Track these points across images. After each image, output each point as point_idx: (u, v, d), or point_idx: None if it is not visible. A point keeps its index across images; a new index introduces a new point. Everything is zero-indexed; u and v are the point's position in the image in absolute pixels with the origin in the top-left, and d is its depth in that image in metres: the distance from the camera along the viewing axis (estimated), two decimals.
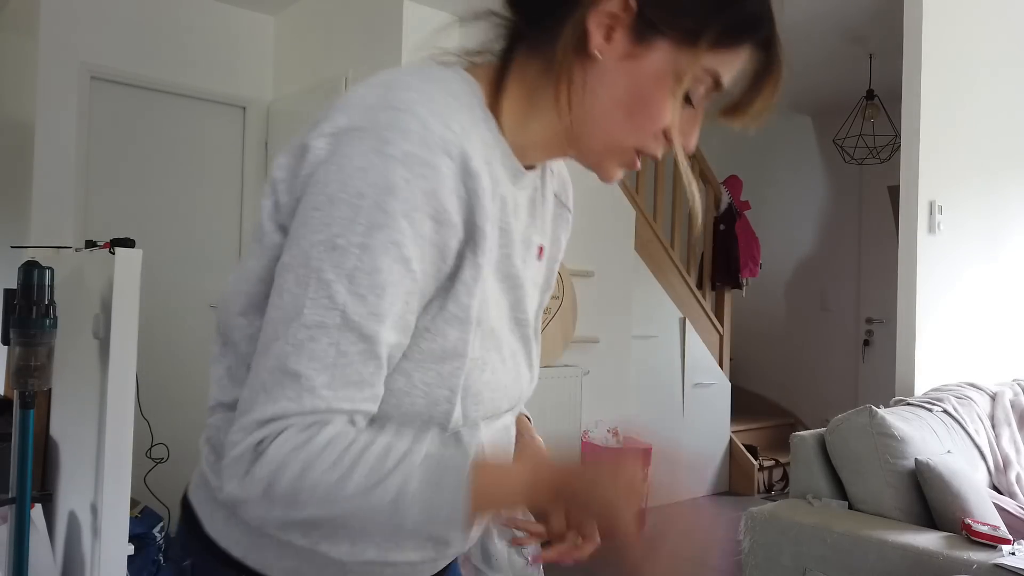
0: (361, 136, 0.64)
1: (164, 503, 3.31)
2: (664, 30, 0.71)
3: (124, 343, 2.16)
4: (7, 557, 2.12)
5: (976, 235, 3.35)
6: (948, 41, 3.17)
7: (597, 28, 0.71)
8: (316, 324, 0.63)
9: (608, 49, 0.72)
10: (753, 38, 0.73)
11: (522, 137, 0.77)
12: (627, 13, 0.70)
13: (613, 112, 0.74)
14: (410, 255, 0.65)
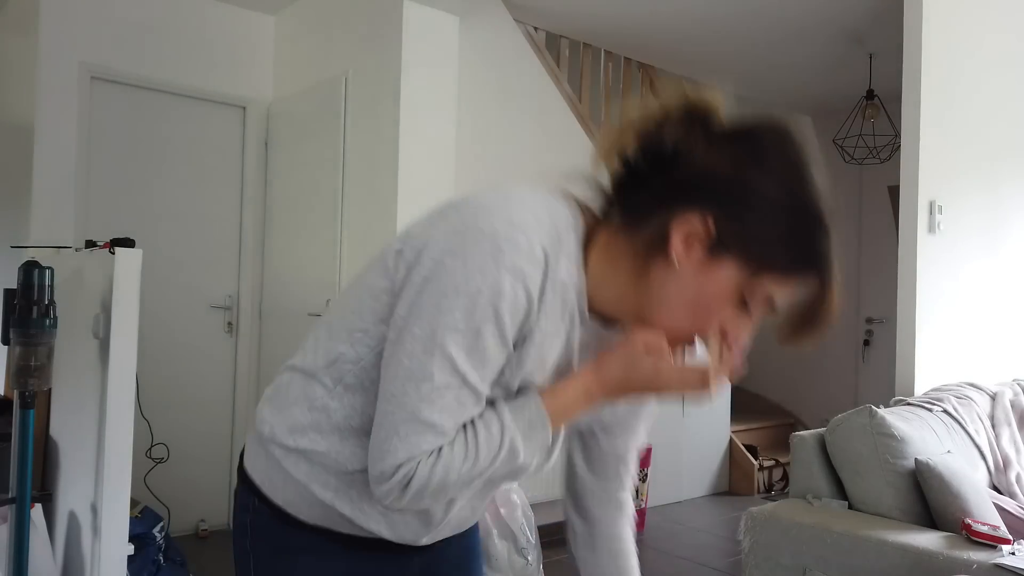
0: (482, 240, 0.83)
1: (164, 503, 3.31)
2: (734, 253, 0.84)
3: (124, 343, 2.16)
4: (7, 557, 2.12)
5: (976, 235, 3.35)
6: (948, 41, 3.17)
7: (678, 238, 0.84)
8: (444, 385, 0.83)
9: (684, 258, 0.84)
10: (813, 273, 0.85)
11: (596, 289, 0.91)
12: (705, 232, 0.83)
13: (677, 308, 0.88)
14: (508, 338, 0.85)
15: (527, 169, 3.98)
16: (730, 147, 0.85)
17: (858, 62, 4.63)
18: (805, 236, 0.84)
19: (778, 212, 0.83)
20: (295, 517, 0.99)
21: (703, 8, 4.01)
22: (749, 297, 0.86)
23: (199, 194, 3.91)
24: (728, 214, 0.83)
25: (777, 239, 0.83)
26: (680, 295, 0.86)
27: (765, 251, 0.84)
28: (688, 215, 0.83)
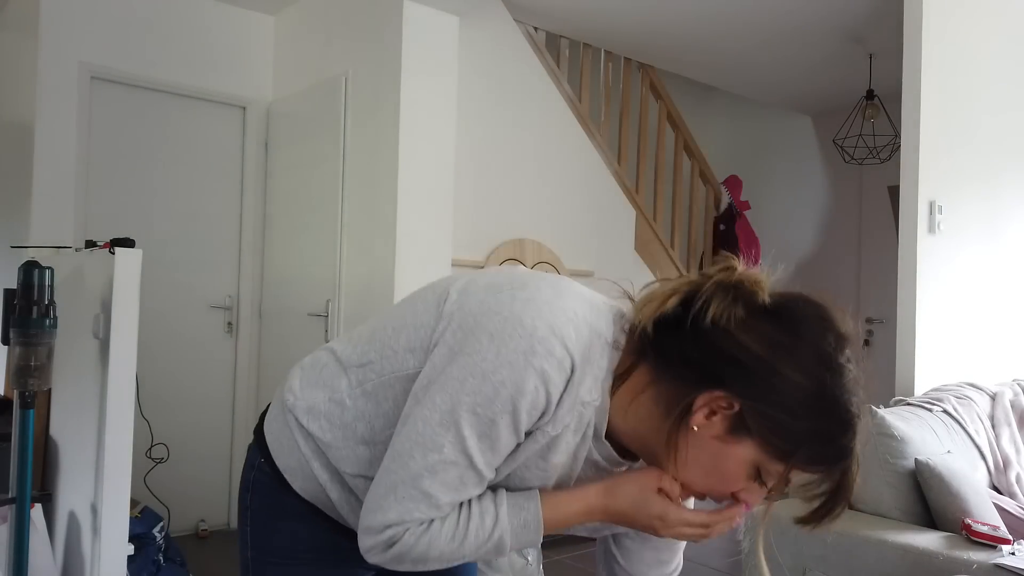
0: (522, 336, 0.86)
1: (164, 503, 3.31)
2: (756, 438, 0.86)
3: (124, 343, 2.16)
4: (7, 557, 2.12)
5: (976, 235, 3.35)
6: (948, 41, 3.17)
7: (702, 408, 0.86)
8: (451, 461, 0.87)
9: (705, 426, 0.87)
10: (834, 466, 0.87)
11: (617, 416, 0.93)
12: (730, 409, 0.86)
13: (693, 469, 0.90)
14: (521, 432, 0.88)
15: (526, 168, 3.99)
16: (766, 326, 0.87)
17: (858, 62, 4.63)
18: (830, 436, 0.85)
19: (806, 408, 0.84)
20: (290, 485, 1.04)
21: (703, 8, 4.01)
22: (766, 475, 0.88)
23: (199, 194, 3.91)
24: (755, 400, 0.85)
25: (802, 435, 0.85)
26: (696, 459, 0.89)
27: (788, 443, 0.85)
28: (715, 393, 0.86)
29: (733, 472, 0.89)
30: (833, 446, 0.86)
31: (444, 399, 0.87)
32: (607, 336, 0.91)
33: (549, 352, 0.85)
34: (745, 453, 0.87)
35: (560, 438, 0.91)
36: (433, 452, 0.86)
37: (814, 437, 0.85)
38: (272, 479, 1.06)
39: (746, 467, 0.88)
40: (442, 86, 3.46)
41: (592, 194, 4.28)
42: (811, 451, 0.86)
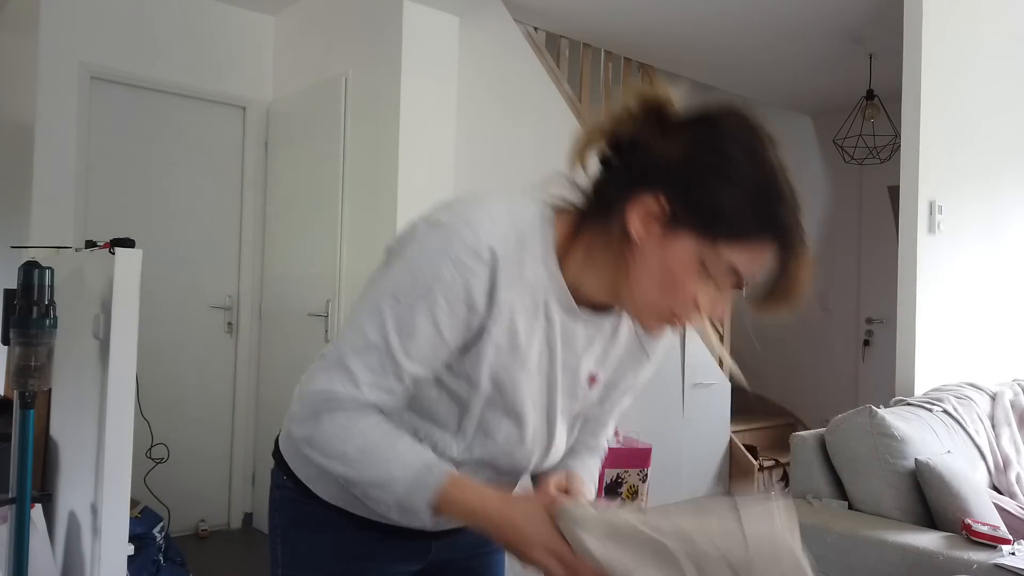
0: (439, 232, 0.91)
1: (164, 503, 3.31)
2: (688, 226, 0.87)
3: (124, 343, 2.16)
4: (7, 557, 2.12)
5: (976, 235, 3.35)
6: (948, 41, 3.17)
7: (635, 218, 0.89)
8: (373, 344, 0.91)
9: (646, 237, 0.89)
10: (768, 239, 0.88)
11: (580, 282, 0.96)
12: (659, 210, 0.88)
13: (647, 285, 0.91)
14: (441, 322, 0.90)
15: (527, 169, 3.98)
16: (684, 133, 0.89)
17: (858, 62, 4.63)
18: (754, 202, 0.87)
19: (724, 182, 0.87)
20: (315, 494, 1.07)
21: (703, 8, 4.01)
22: (712, 269, 0.88)
23: (199, 194, 3.90)
24: (678, 190, 0.88)
25: (726, 207, 0.87)
26: (648, 273, 0.90)
27: (715, 220, 0.87)
28: (642, 197, 0.88)
29: (681, 274, 0.89)
30: (759, 214, 0.87)
31: (379, 290, 0.93)
32: (533, 218, 0.95)
33: (462, 241, 0.89)
34: (686, 249, 0.88)
35: (516, 327, 0.94)
36: (359, 335, 0.91)
37: (737, 206, 0.86)
38: (296, 493, 1.08)
39: (692, 264, 0.88)
40: (442, 86, 3.46)
41: None
42: (738, 222, 0.87)
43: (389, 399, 0.93)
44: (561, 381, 1.01)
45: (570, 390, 1.04)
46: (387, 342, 0.90)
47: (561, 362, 1.00)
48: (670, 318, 0.94)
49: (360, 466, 0.91)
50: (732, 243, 0.87)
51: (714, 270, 0.89)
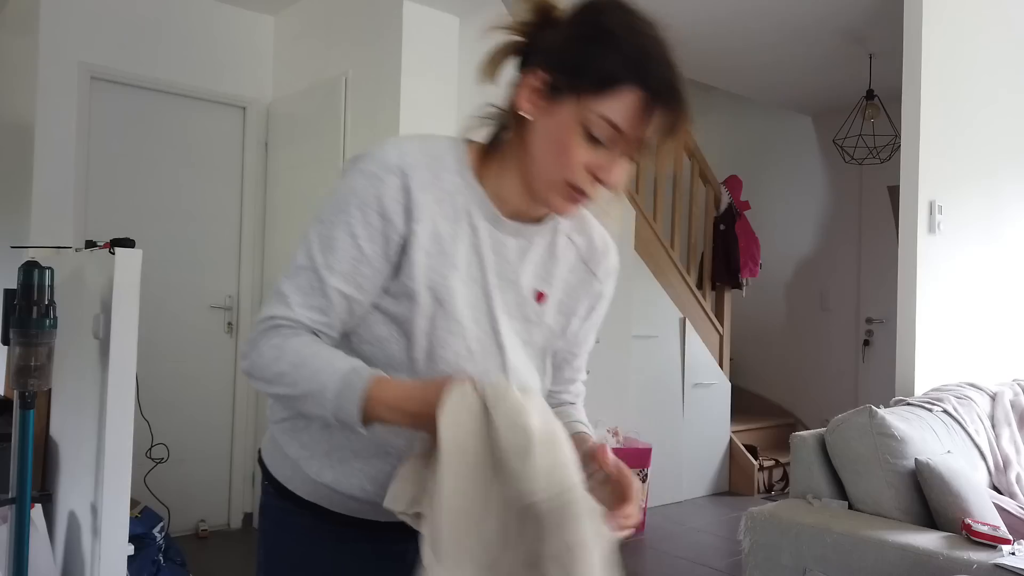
0: (354, 161, 1.00)
1: (164, 503, 3.31)
2: (563, 90, 0.94)
3: (124, 343, 2.16)
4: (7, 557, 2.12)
5: (976, 235, 3.35)
6: (948, 41, 3.17)
7: (521, 97, 0.97)
8: (301, 266, 0.97)
9: (534, 112, 0.96)
10: (634, 85, 0.91)
11: (500, 191, 1.02)
12: (540, 81, 0.96)
13: (543, 157, 0.96)
14: (358, 233, 0.95)
15: None
16: (566, 21, 0.98)
17: (858, 62, 4.63)
18: (623, 58, 0.91)
19: (598, 47, 0.93)
20: (293, 492, 1.09)
21: (703, 8, 4.01)
22: (594, 129, 0.92)
23: (199, 194, 3.91)
24: (556, 62, 0.95)
25: (596, 65, 0.92)
26: (540, 146, 0.96)
27: (585, 77, 0.92)
28: (526, 77, 0.98)
29: (566, 137, 0.93)
30: (631, 67, 0.91)
31: (307, 225, 0.99)
32: (446, 143, 1.04)
33: (373, 159, 0.97)
34: (566, 113, 0.93)
35: (440, 231, 0.98)
36: (292, 263, 0.98)
37: (611, 63, 0.92)
38: (277, 496, 1.11)
39: (573, 127, 0.93)
40: (442, 86, 3.45)
41: None
42: (610, 75, 0.91)
43: (322, 319, 0.96)
44: (501, 293, 1.03)
45: (518, 308, 1.05)
46: (312, 261, 0.96)
47: (495, 272, 1.03)
48: (569, 192, 0.97)
49: (294, 380, 0.93)
50: (602, 95, 0.91)
51: (596, 130, 0.92)
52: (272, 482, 1.12)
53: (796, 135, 6.08)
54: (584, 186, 0.96)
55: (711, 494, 4.98)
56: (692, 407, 4.89)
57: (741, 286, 5.25)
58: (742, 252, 5.16)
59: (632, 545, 3.93)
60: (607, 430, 4.17)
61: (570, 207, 1.00)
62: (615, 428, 4.22)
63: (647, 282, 4.66)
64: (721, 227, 5.24)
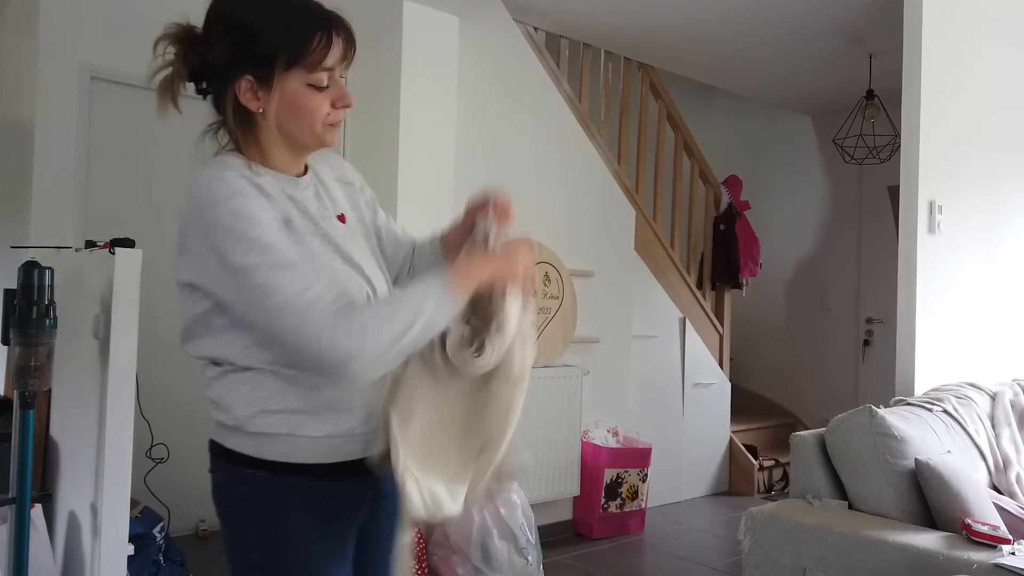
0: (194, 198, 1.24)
1: (164, 503, 3.31)
2: (270, 77, 1.16)
3: (124, 343, 2.16)
4: (7, 557, 2.13)
5: (976, 235, 3.35)
6: (948, 41, 3.17)
7: (245, 99, 1.18)
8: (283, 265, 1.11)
9: (261, 103, 1.18)
10: (319, 31, 1.15)
11: (274, 164, 1.23)
12: (254, 81, 1.16)
13: (298, 124, 1.20)
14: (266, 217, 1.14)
15: (527, 168, 3.98)
16: (215, 36, 1.17)
17: (858, 62, 4.63)
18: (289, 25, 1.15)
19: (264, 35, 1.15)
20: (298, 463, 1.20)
21: (703, 8, 4.01)
22: (313, 80, 1.16)
23: None
24: (248, 65, 1.15)
25: (280, 45, 1.14)
26: (288, 120, 1.19)
27: (274, 60, 1.15)
28: (232, 88, 1.17)
29: (304, 101, 1.17)
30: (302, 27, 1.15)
31: (239, 262, 1.12)
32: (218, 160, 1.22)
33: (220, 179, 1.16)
34: (290, 87, 1.17)
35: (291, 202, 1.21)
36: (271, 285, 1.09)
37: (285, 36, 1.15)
38: (267, 477, 1.20)
39: (302, 91, 1.17)
40: (442, 86, 3.46)
41: (592, 194, 4.28)
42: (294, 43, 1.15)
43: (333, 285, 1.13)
44: (332, 229, 1.24)
45: (345, 233, 1.28)
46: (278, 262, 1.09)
47: (320, 217, 1.24)
48: (328, 128, 1.21)
49: (400, 316, 1.10)
50: (305, 56, 1.15)
51: (315, 79, 1.16)
52: (258, 465, 1.19)
53: (796, 135, 6.08)
54: (336, 119, 1.21)
55: (711, 494, 4.98)
56: (692, 407, 4.89)
57: (741, 286, 5.25)
58: (742, 252, 5.16)
59: (632, 545, 3.94)
60: (607, 430, 4.17)
61: (336, 134, 1.24)
62: (615, 428, 4.22)
63: (647, 282, 4.66)
64: (721, 227, 5.24)
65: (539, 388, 3.83)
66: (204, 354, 1.26)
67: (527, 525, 3.28)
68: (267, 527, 1.22)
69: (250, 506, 1.22)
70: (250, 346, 1.17)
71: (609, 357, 4.26)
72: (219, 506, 1.27)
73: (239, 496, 1.23)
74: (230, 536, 1.28)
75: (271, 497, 1.21)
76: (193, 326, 1.29)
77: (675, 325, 4.84)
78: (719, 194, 5.32)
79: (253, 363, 1.18)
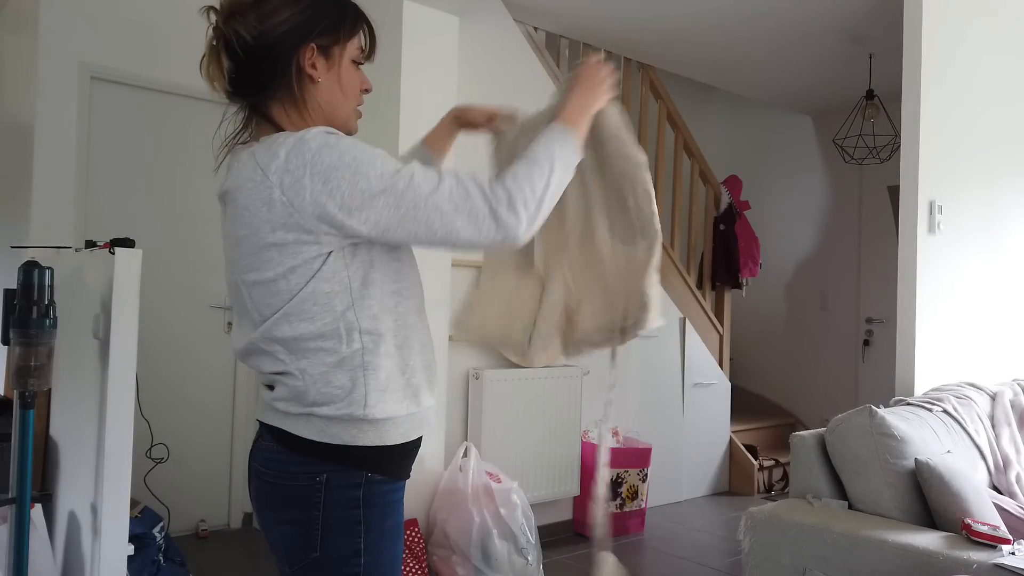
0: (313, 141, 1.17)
1: (164, 503, 3.32)
2: (331, 46, 1.28)
3: (124, 343, 2.16)
4: (7, 557, 2.13)
5: (976, 235, 3.35)
6: (948, 41, 3.17)
7: (309, 66, 1.26)
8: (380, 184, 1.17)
9: (320, 73, 1.28)
10: (361, 18, 1.33)
11: None
12: (317, 51, 1.26)
13: (340, 98, 1.32)
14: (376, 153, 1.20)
15: None
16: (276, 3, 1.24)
17: (858, 62, 4.64)
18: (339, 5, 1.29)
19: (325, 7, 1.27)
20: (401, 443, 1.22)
21: (703, 8, 4.01)
22: (357, 58, 1.33)
23: (199, 194, 3.90)
24: (310, 32, 1.24)
25: (333, 21, 1.27)
26: (333, 91, 1.30)
27: (336, 31, 1.27)
28: (299, 53, 1.25)
29: (351, 76, 1.32)
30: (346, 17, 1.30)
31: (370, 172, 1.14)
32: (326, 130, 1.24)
33: (327, 131, 1.19)
34: (342, 59, 1.29)
35: None
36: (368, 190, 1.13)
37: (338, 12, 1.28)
38: (383, 481, 1.21)
39: (350, 65, 1.31)
40: (442, 86, 3.45)
41: None
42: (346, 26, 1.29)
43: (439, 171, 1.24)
44: None
45: None
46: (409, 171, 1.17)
47: None
48: (357, 113, 1.37)
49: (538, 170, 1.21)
50: (357, 33, 1.31)
51: (358, 56, 1.32)
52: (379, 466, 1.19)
53: (796, 135, 6.08)
54: (360, 102, 1.37)
55: (711, 494, 4.99)
56: (692, 407, 4.89)
57: (741, 286, 5.25)
58: (742, 252, 5.16)
59: (632, 545, 3.94)
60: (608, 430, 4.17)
61: (357, 123, 1.38)
62: (615, 428, 4.22)
63: None
64: (721, 227, 5.24)
65: (539, 388, 3.83)
66: (313, 331, 1.15)
67: (527, 525, 3.28)
68: (375, 533, 1.19)
69: (364, 512, 1.17)
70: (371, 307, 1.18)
71: None
72: (316, 512, 1.16)
73: (351, 502, 1.17)
74: (329, 542, 1.16)
75: (382, 500, 1.20)
76: (302, 300, 1.15)
77: (675, 325, 4.84)
78: (719, 194, 5.32)
79: (375, 327, 1.17)
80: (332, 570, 1.17)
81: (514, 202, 1.17)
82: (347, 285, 1.16)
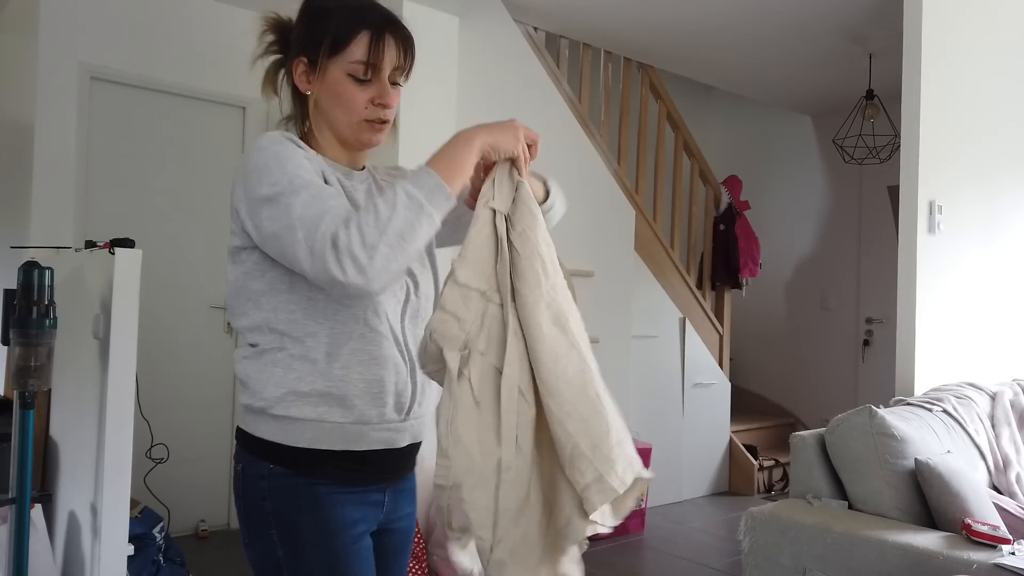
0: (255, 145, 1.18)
1: (164, 503, 3.31)
2: (319, 60, 1.23)
3: (124, 343, 2.16)
4: (7, 557, 2.13)
5: (976, 235, 3.35)
6: (948, 41, 3.17)
7: (296, 80, 1.26)
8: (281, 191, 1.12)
9: (310, 87, 1.26)
10: (361, 29, 1.23)
11: (328, 153, 1.28)
12: (304, 65, 1.25)
13: (336, 112, 1.25)
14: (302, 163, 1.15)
15: None
16: (296, 23, 1.28)
17: (858, 62, 4.64)
18: (345, 18, 1.23)
19: (324, 21, 1.23)
20: (311, 449, 1.18)
21: (703, 8, 4.01)
22: (354, 73, 1.22)
23: (199, 194, 3.91)
24: (304, 46, 1.24)
25: (331, 32, 1.22)
26: (329, 106, 1.24)
27: (331, 42, 1.22)
28: (291, 69, 1.27)
29: (343, 90, 1.23)
30: (352, 20, 1.23)
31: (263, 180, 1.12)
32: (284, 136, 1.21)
33: (265, 138, 1.18)
34: (333, 73, 1.22)
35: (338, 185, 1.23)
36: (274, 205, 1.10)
37: (338, 25, 1.22)
38: (287, 475, 1.18)
39: (344, 79, 1.22)
40: (442, 86, 3.46)
41: (592, 194, 4.28)
42: (344, 31, 1.22)
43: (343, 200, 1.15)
44: None
45: None
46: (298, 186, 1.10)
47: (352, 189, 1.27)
48: (369, 125, 1.26)
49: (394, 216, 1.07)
50: (345, 48, 1.21)
51: (357, 73, 1.22)
52: (281, 460, 1.17)
53: (796, 135, 6.08)
54: (375, 115, 1.25)
55: (711, 494, 4.98)
56: (692, 407, 4.89)
57: (741, 286, 5.25)
58: (742, 252, 5.16)
59: (632, 545, 3.94)
60: None
61: (377, 136, 1.28)
62: None
63: (647, 282, 4.66)
64: (721, 227, 5.24)
65: None
66: (246, 325, 1.20)
67: None
68: (287, 527, 1.18)
69: (272, 503, 1.18)
70: (293, 311, 1.16)
71: (609, 357, 4.26)
72: (239, 500, 1.22)
73: (259, 492, 1.19)
74: (251, 531, 1.22)
75: (289, 495, 1.18)
76: (237, 293, 1.21)
77: (675, 325, 4.84)
78: (719, 194, 5.32)
79: (293, 331, 1.16)
80: (258, 561, 1.21)
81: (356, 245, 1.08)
82: (273, 285, 1.17)
